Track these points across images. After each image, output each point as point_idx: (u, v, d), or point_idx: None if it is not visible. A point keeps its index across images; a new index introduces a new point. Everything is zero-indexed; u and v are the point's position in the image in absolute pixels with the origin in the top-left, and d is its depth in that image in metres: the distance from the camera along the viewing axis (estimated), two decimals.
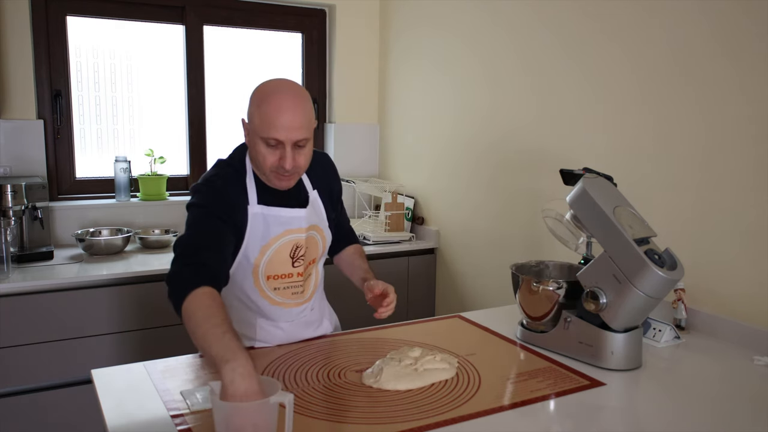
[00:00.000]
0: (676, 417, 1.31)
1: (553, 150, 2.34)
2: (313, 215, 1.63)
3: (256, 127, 1.44)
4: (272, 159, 1.45)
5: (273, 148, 1.44)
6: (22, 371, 2.28)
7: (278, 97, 1.42)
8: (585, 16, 2.17)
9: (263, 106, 1.42)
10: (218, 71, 3.22)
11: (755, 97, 1.68)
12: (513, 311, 1.93)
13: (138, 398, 1.34)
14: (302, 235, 1.58)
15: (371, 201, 3.49)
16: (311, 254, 1.65)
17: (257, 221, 1.52)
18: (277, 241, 1.55)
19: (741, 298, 1.74)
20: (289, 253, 1.58)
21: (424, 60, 3.06)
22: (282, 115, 1.40)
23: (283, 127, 1.41)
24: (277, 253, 1.56)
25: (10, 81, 2.72)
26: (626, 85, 2.04)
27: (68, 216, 2.83)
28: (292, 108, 1.41)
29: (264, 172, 1.50)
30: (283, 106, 1.41)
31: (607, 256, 1.51)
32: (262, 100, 1.43)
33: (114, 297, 2.39)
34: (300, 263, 1.61)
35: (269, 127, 1.41)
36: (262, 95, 1.45)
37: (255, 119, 1.44)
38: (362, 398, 1.35)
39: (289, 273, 1.60)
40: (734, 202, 1.75)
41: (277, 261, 1.56)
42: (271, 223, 1.53)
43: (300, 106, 1.43)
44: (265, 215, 1.53)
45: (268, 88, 1.46)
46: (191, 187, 1.54)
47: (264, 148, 1.44)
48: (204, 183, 1.52)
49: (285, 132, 1.41)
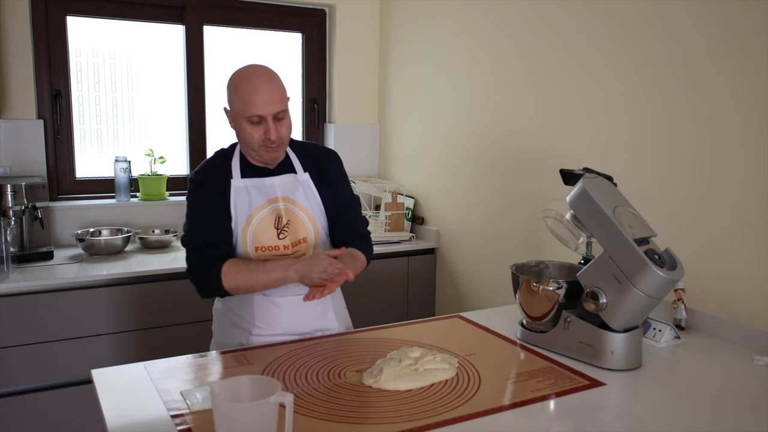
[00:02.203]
0: (676, 417, 1.31)
1: (553, 150, 2.34)
2: (295, 189, 1.73)
3: (238, 109, 1.61)
4: (258, 135, 1.61)
5: (257, 125, 1.60)
6: (22, 371, 2.28)
7: (252, 78, 1.59)
8: (586, 16, 2.17)
9: (240, 89, 1.59)
10: (218, 71, 3.22)
11: (756, 97, 1.68)
12: (513, 311, 1.93)
13: (138, 398, 1.34)
14: (280, 204, 1.70)
15: (371, 201, 3.49)
16: (297, 230, 1.71)
17: (240, 193, 1.69)
18: (261, 211, 1.69)
19: (741, 298, 1.74)
20: (273, 223, 1.69)
21: (424, 60, 3.06)
22: (259, 93, 1.57)
23: (263, 103, 1.58)
24: (261, 223, 1.68)
25: (10, 81, 2.72)
26: (626, 84, 2.04)
27: (68, 216, 2.83)
28: (267, 85, 1.59)
29: (254, 149, 1.65)
30: (259, 86, 1.58)
31: (607, 256, 1.51)
32: (238, 85, 1.60)
33: (114, 297, 2.39)
34: (284, 235, 1.70)
35: (250, 106, 1.58)
36: (237, 81, 1.61)
37: (236, 103, 1.61)
38: (362, 398, 1.35)
39: (275, 245, 1.70)
40: (734, 202, 1.75)
41: (261, 231, 1.68)
42: (253, 194, 1.69)
43: (273, 83, 1.61)
44: (248, 186, 1.69)
45: (242, 74, 1.62)
46: (188, 177, 1.84)
47: (249, 127, 1.61)
48: (193, 176, 1.72)
49: (264, 107, 1.58)
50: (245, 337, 1.71)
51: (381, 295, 2.97)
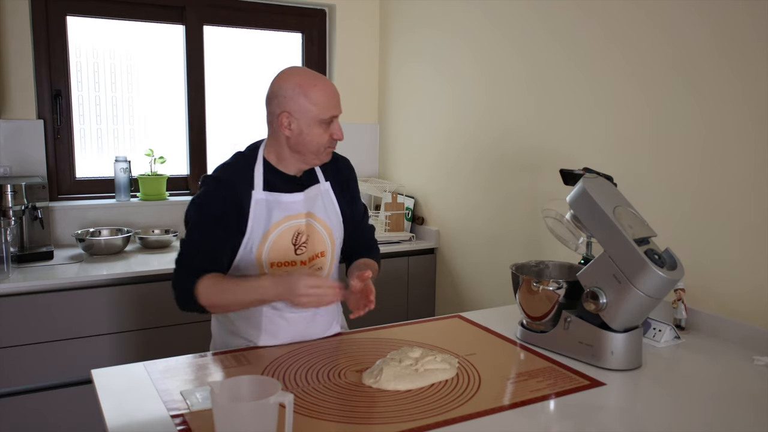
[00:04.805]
0: (676, 417, 1.31)
1: (553, 150, 2.34)
2: (315, 203, 1.69)
3: (314, 112, 1.58)
4: (327, 136, 1.61)
5: (327, 125, 1.61)
6: (22, 371, 2.28)
7: (320, 81, 1.60)
8: (584, 16, 2.17)
9: (314, 93, 1.58)
10: (218, 71, 3.22)
11: (755, 96, 1.68)
12: (513, 311, 1.93)
13: (138, 398, 1.34)
14: (302, 221, 1.65)
15: (371, 201, 3.49)
16: (315, 245, 1.67)
17: (260, 207, 1.61)
18: (278, 227, 1.62)
19: (741, 298, 1.74)
20: (291, 239, 1.64)
21: (424, 60, 3.06)
22: (331, 95, 1.61)
23: (336, 104, 1.62)
24: (279, 239, 1.62)
25: (10, 81, 2.72)
26: (626, 84, 2.04)
27: (68, 216, 2.83)
28: (333, 87, 1.63)
29: (318, 152, 1.62)
30: (328, 88, 1.61)
31: (607, 256, 1.51)
32: (309, 90, 1.58)
33: (114, 297, 2.39)
34: (302, 251, 1.65)
35: (327, 108, 1.59)
36: (306, 86, 1.58)
37: (310, 107, 1.58)
38: (362, 398, 1.35)
39: (292, 261, 1.64)
40: (734, 202, 1.75)
41: (279, 248, 1.62)
42: (273, 209, 1.62)
43: (334, 85, 1.65)
44: (268, 200, 1.62)
45: (307, 79, 1.60)
46: (201, 178, 1.66)
47: (320, 129, 1.60)
48: (209, 179, 1.63)
49: (337, 107, 1.63)
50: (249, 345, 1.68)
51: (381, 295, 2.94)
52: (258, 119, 3.36)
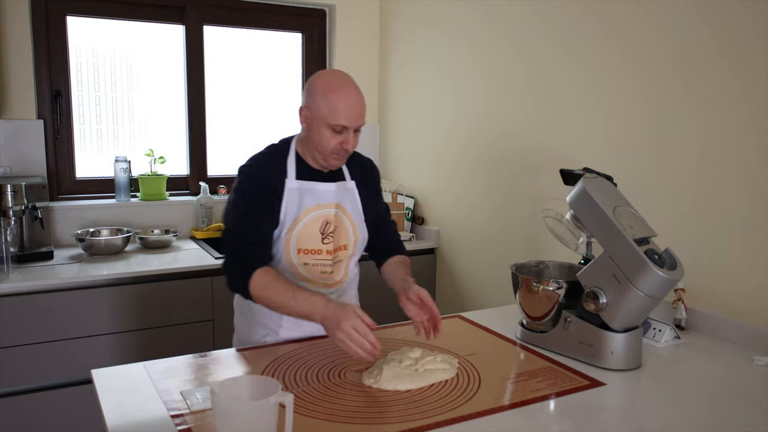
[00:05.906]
0: (676, 417, 1.31)
1: (552, 150, 2.34)
2: (345, 197, 1.74)
3: (324, 114, 1.59)
4: (335, 142, 1.62)
5: (337, 133, 1.61)
6: (22, 371, 2.28)
7: (345, 88, 1.61)
8: (584, 16, 2.17)
9: (331, 96, 1.59)
10: (218, 71, 3.22)
11: (754, 96, 1.68)
12: (513, 311, 1.93)
13: (138, 398, 1.34)
14: (332, 211, 1.70)
15: None
16: (341, 237, 1.71)
17: (293, 195, 1.67)
18: (309, 215, 1.68)
19: (741, 298, 1.74)
20: (320, 228, 1.69)
21: (424, 60, 3.06)
22: (350, 105, 1.60)
23: (350, 116, 1.60)
24: (309, 226, 1.67)
25: (10, 81, 2.72)
26: (625, 84, 2.04)
27: (68, 216, 2.83)
28: (357, 98, 1.62)
29: (324, 155, 1.65)
30: (350, 97, 1.60)
31: (607, 256, 1.51)
32: (329, 92, 1.59)
33: (114, 297, 2.39)
34: (329, 241, 1.69)
35: (338, 115, 1.58)
36: (329, 87, 1.60)
37: (323, 108, 1.59)
38: (362, 398, 1.35)
39: (318, 249, 1.69)
40: (734, 202, 1.75)
41: (307, 235, 1.67)
42: (304, 196, 1.68)
43: (361, 98, 1.63)
44: (300, 189, 1.68)
45: (333, 81, 1.62)
46: (238, 168, 1.70)
47: (329, 133, 1.61)
48: (246, 168, 1.68)
49: (351, 120, 1.60)
50: (271, 336, 1.71)
51: (381, 295, 2.97)
52: (258, 119, 3.36)
